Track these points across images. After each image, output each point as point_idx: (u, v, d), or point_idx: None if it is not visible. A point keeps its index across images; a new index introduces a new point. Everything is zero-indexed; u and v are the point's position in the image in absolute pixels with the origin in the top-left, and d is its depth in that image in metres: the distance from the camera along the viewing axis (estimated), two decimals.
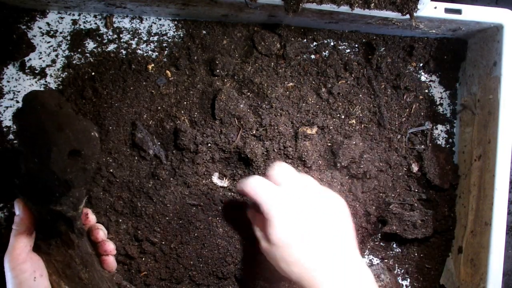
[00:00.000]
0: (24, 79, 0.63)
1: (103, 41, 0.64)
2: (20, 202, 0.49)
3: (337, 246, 0.50)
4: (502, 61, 0.63)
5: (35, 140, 0.45)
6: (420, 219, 0.69)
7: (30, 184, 0.47)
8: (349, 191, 0.68)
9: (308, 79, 0.67)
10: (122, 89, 0.63)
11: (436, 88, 0.73)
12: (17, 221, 0.48)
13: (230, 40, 0.66)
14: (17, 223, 0.48)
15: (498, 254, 0.63)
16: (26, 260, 0.47)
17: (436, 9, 0.62)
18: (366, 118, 0.69)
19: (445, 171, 0.71)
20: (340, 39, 0.69)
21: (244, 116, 0.63)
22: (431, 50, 0.72)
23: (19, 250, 0.47)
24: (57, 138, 0.44)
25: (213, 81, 0.65)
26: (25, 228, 0.48)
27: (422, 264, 0.73)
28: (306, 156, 0.65)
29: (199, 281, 0.65)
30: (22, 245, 0.48)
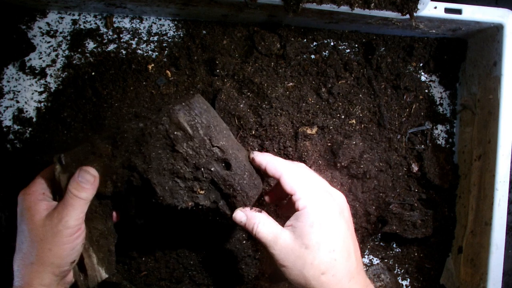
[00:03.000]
0: (24, 79, 0.63)
1: (103, 41, 0.64)
2: (93, 173, 0.48)
3: (358, 257, 0.48)
4: (502, 61, 0.63)
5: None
6: (420, 219, 0.69)
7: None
8: (349, 191, 0.68)
9: (308, 79, 0.67)
10: (122, 89, 0.63)
11: (436, 88, 0.73)
12: (87, 194, 0.47)
13: (230, 40, 0.66)
14: (87, 195, 0.47)
15: (498, 254, 0.63)
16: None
17: (436, 9, 0.62)
18: (366, 118, 0.69)
19: (445, 171, 0.71)
20: (340, 39, 0.69)
21: (244, 116, 0.63)
22: (431, 50, 0.72)
23: (79, 220, 0.47)
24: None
25: (213, 81, 0.65)
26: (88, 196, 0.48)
27: (422, 264, 0.73)
28: (306, 156, 0.65)
29: (199, 281, 0.65)
30: (81, 215, 0.47)
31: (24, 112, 0.63)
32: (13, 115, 0.63)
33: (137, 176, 0.48)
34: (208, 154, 0.48)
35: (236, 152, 0.49)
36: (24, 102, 0.63)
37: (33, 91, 0.63)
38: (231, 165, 0.48)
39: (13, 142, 0.62)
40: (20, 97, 0.63)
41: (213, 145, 0.48)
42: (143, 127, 0.47)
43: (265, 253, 0.49)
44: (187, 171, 0.48)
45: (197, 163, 0.47)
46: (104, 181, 0.49)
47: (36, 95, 0.63)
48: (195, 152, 0.47)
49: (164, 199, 0.48)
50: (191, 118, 0.47)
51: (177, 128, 0.47)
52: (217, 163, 0.48)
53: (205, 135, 0.48)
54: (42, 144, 0.62)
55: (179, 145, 0.47)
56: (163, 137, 0.47)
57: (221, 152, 0.48)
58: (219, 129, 0.49)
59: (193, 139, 0.47)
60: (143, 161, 0.47)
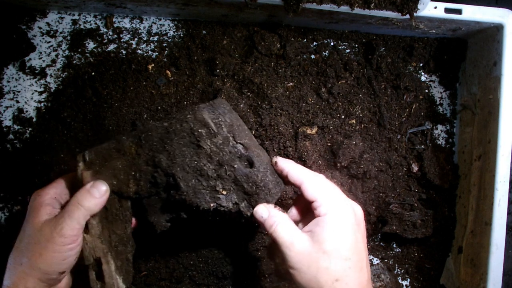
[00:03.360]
0: (24, 79, 0.63)
1: (103, 41, 0.64)
2: (107, 187, 0.48)
3: (369, 270, 0.48)
4: (502, 61, 0.63)
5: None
6: (420, 219, 0.69)
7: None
8: (349, 191, 0.68)
9: (308, 79, 0.67)
10: (122, 89, 0.63)
11: (436, 88, 0.73)
12: (93, 203, 0.46)
13: (230, 40, 0.66)
14: (94, 204, 0.46)
15: (498, 254, 0.63)
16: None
17: (436, 9, 0.62)
18: (366, 118, 0.69)
19: (445, 171, 0.71)
20: (340, 39, 0.69)
21: (244, 116, 0.63)
22: (431, 50, 0.72)
23: (75, 231, 0.46)
24: None
25: (213, 81, 0.65)
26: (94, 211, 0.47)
27: (422, 264, 0.73)
28: (306, 156, 0.65)
29: (199, 281, 0.65)
30: (77, 226, 0.46)
31: (24, 112, 0.63)
32: (13, 115, 0.63)
33: (161, 173, 0.48)
34: (232, 151, 0.48)
35: (258, 151, 0.50)
36: (24, 102, 0.63)
37: (33, 91, 0.63)
38: (254, 162, 0.49)
39: (13, 142, 0.62)
40: (20, 97, 0.63)
41: (236, 141, 0.49)
42: (168, 125, 0.48)
43: (277, 253, 0.49)
44: (211, 168, 0.48)
45: (220, 160, 0.48)
46: (127, 180, 0.49)
47: (36, 95, 0.63)
48: (218, 149, 0.48)
49: (188, 195, 0.48)
50: (215, 116, 0.48)
51: (202, 125, 0.48)
52: (240, 161, 0.49)
53: (228, 133, 0.48)
54: (42, 144, 0.62)
55: (203, 142, 0.47)
56: (187, 134, 0.48)
57: (244, 149, 0.49)
58: (241, 129, 0.50)
59: (217, 136, 0.48)
60: (168, 157, 0.47)
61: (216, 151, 0.48)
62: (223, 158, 0.48)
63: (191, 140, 0.48)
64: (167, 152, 0.47)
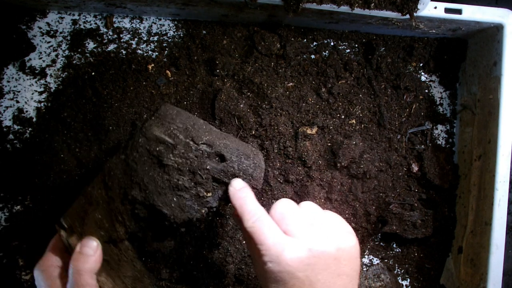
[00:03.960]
0: (24, 79, 0.63)
1: (103, 41, 0.64)
2: (97, 241, 0.46)
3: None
4: (502, 61, 0.63)
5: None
6: (420, 219, 0.69)
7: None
8: (349, 191, 0.68)
9: (308, 79, 0.67)
10: (122, 89, 0.63)
11: (436, 88, 0.73)
12: (91, 262, 0.44)
13: (230, 40, 0.66)
14: (92, 262, 0.44)
15: (498, 254, 0.63)
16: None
17: (436, 9, 0.62)
18: (366, 118, 0.69)
19: (445, 171, 0.71)
20: (340, 39, 0.69)
21: (244, 116, 0.63)
22: (431, 50, 0.72)
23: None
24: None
25: (213, 81, 0.65)
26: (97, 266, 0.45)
27: (422, 264, 0.73)
28: (306, 156, 0.65)
29: (199, 281, 0.65)
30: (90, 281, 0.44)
31: (24, 112, 0.63)
32: (13, 115, 0.63)
33: (140, 207, 0.46)
34: (198, 155, 0.46)
35: (224, 141, 0.48)
36: (24, 102, 0.63)
37: (33, 91, 0.63)
38: (224, 155, 0.47)
39: (13, 142, 0.62)
40: (20, 97, 0.63)
41: (198, 144, 0.46)
42: (125, 157, 0.46)
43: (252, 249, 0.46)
44: (185, 180, 0.46)
45: (191, 168, 0.46)
46: (112, 226, 0.47)
47: (36, 95, 0.63)
48: (184, 159, 0.46)
49: (176, 216, 0.46)
50: (165, 128, 0.46)
51: (157, 143, 0.45)
52: (210, 159, 0.47)
53: (186, 138, 0.46)
54: (42, 144, 0.62)
55: (166, 159, 0.45)
56: (147, 158, 0.45)
57: (209, 147, 0.47)
58: (197, 127, 0.48)
59: (176, 146, 0.46)
60: (140, 189, 0.46)
61: (182, 162, 0.46)
62: (192, 165, 0.46)
63: (153, 162, 0.46)
64: (137, 184, 0.46)
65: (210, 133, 0.48)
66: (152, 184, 0.46)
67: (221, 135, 0.49)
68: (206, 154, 0.47)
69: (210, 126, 0.50)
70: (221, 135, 0.49)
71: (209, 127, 0.49)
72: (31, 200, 0.62)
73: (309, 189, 0.66)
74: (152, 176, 0.46)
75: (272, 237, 0.42)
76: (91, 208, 0.46)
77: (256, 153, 0.51)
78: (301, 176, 0.66)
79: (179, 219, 0.47)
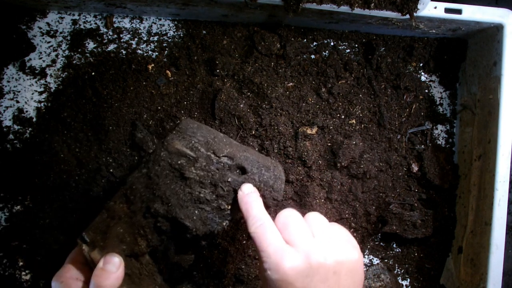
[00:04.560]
0: (24, 79, 0.63)
1: (103, 41, 0.64)
2: (119, 257, 0.45)
3: None
4: (502, 61, 0.63)
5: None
6: (420, 219, 0.69)
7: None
8: (349, 191, 0.68)
9: (308, 79, 0.67)
10: (122, 89, 0.63)
11: (436, 88, 0.73)
12: (113, 279, 0.43)
13: (230, 40, 0.66)
14: (114, 279, 0.43)
15: (498, 254, 0.63)
16: None
17: (436, 9, 0.62)
18: (366, 118, 0.69)
19: (445, 171, 0.71)
20: (340, 39, 0.69)
21: (244, 116, 0.63)
22: (431, 50, 0.72)
23: None
24: None
25: (213, 81, 0.65)
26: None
27: (422, 264, 0.73)
28: (306, 156, 0.65)
29: (199, 281, 0.65)
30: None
31: (24, 112, 0.63)
32: (13, 115, 0.63)
33: (162, 220, 0.46)
34: (219, 167, 0.47)
35: (244, 154, 0.48)
36: (24, 102, 0.63)
37: (33, 91, 0.63)
38: (245, 167, 0.47)
39: (13, 142, 0.62)
40: (20, 97, 0.63)
41: (219, 156, 0.47)
42: (147, 171, 0.46)
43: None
44: (207, 192, 0.46)
45: (212, 181, 0.46)
46: (134, 240, 0.47)
47: (36, 95, 0.63)
48: (205, 172, 0.46)
49: (198, 229, 0.46)
50: (187, 141, 0.46)
51: (179, 156, 0.46)
52: (231, 172, 0.47)
53: (207, 151, 0.46)
54: (42, 144, 0.62)
55: (187, 172, 0.46)
56: (169, 171, 0.46)
57: (230, 160, 0.47)
58: (218, 140, 0.48)
59: (198, 159, 0.46)
60: (162, 203, 0.46)
61: (204, 174, 0.46)
62: (214, 178, 0.46)
63: (175, 175, 0.46)
64: (159, 198, 0.46)
65: (231, 146, 0.49)
66: (174, 197, 0.46)
67: (241, 147, 0.50)
68: (227, 166, 0.47)
69: (230, 139, 0.50)
70: (241, 148, 0.50)
71: (229, 140, 0.50)
72: (31, 200, 0.62)
73: (309, 189, 0.66)
74: (174, 189, 0.46)
75: (273, 244, 0.42)
76: (113, 222, 0.46)
77: (276, 165, 0.51)
78: (301, 176, 0.66)
79: (201, 231, 0.47)
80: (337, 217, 0.68)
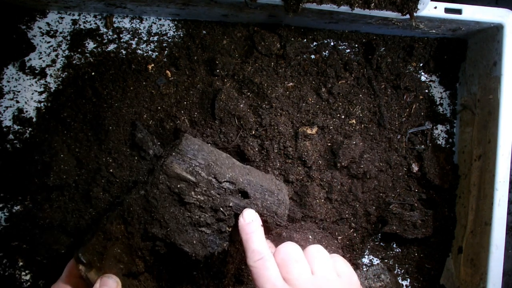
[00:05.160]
0: (24, 79, 0.63)
1: (103, 41, 0.64)
2: (117, 280, 0.45)
3: None
4: (502, 61, 0.63)
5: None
6: (420, 219, 0.69)
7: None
8: (349, 191, 0.68)
9: (308, 79, 0.67)
10: (122, 89, 0.63)
11: (436, 88, 0.73)
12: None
13: (230, 40, 0.66)
14: None
15: (498, 254, 0.63)
16: None
17: (436, 9, 0.62)
18: (366, 118, 0.69)
19: (445, 171, 0.71)
20: (340, 39, 0.69)
21: (244, 116, 0.63)
22: (431, 50, 0.72)
23: None
24: None
25: (213, 81, 0.65)
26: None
27: (422, 264, 0.73)
28: (306, 156, 0.65)
29: (199, 281, 0.65)
30: None
31: (24, 112, 0.63)
32: (13, 115, 0.63)
33: (160, 244, 0.46)
34: (221, 192, 0.45)
35: (247, 178, 0.47)
36: (24, 102, 0.63)
37: (33, 91, 0.63)
38: (248, 192, 0.46)
39: (13, 142, 0.62)
40: (20, 97, 0.63)
41: (220, 181, 0.45)
42: (145, 193, 0.45)
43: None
44: (207, 216, 0.45)
45: (213, 206, 0.45)
46: (132, 260, 0.46)
47: (36, 95, 0.63)
48: (206, 196, 0.45)
49: (198, 254, 0.45)
50: (187, 165, 0.45)
51: (178, 181, 0.44)
52: (233, 196, 0.46)
53: (208, 175, 0.45)
54: (42, 144, 0.62)
55: (187, 197, 0.44)
56: (168, 195, 0.44)
57: (232, 185, 0.46)
58: (220, 163, 0.46)
59: (198, 184, 0.44)
60: (160, 226, 0.45)
61: (204, 199, 0.45)
62: (215, 203, 0.45)
63: (174, 199, 0.45)
64: (157, 221, 0.45)
65: (233, 168, 0.47)
66: (173, 222, 0.45)
67: (244, 170, 0.48)
68: (229, 191, 0.46)
69: (232, 160, 0.48)
70: (244, 170, 0.48)
71: (231, 161, 0.48)
72: (31, 200, 0.62)
73: (309, 189, 0.66)
74: (173, 213, 0.45)
75: (271, 282, 0.41)
76: (110, 243, 0.46)
77: (281, 187, 0.50)
78: (301, 176, 0.66)
79: (201, 256, 0.46)
80: (337, 217, 0.68)
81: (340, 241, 0.68)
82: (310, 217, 0.66)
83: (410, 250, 0.73)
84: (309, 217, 0.66)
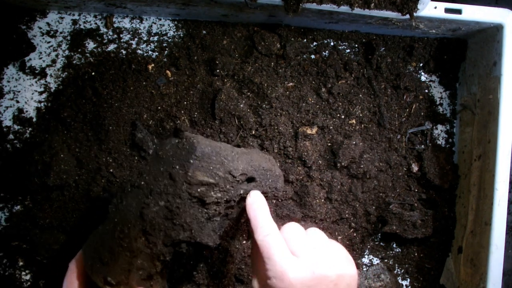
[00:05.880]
0: (24, 79, 0.63)
1: (103, 41, 0.64)
2: None
3: None
4: (502, 61, 0.63)
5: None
6: (420, 219, 0.69)
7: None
8: (349, 191, 0.68)
9: (308, 79, 0.67)
10: (122, 89, 0.63)
11: (436, 88, 0.73)
12: None
13: (230, 40, 0.66)
14: None
15: (498, 254, 0.63)
16: None
17: (436, 9, 0.62)
18: (366, 118, 0.69)
19: (445, 171, 0.71)
20: (340, 39, 0.69)
21: (244, 116, 0.63)
22: (431, 50, 0.72)
23: None
24: None
25: (213, 81, 0.65)
26: None
27: (422, 264, 0.73)
28: (306, 156, 0.65)
29: (199, 281, 0.65)
30: None
31: (24, 112, 0.63)
32: (13, 115, 0.63)
33: (184, 246, 0.46)
34: (234, 185, 0.47)
35: (252, 164, 0.49)
36: (24, 102, 0.63)
37: (33, 91, 0.63)
38: (255, 178, 0.49)
39: (13, 142, 0.62)
40: (20, 97, 0.63)
41: (235, 176, 0.47)
42: (166, 204, 0.45)
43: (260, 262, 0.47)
44: (221, 208, 0.47)
45: (228, 199, 0.47)
46: (153, 265, 0.47)
47: (36, 95, 0.63)
48: (223, 192, 0.46)
49: (215, 242, 0.47)
50: (207, 170, 0.45)
51: (199, 186, 0.45)
52: (243, 184, 0.48)
53: (225, 173, 0.46)
54: (42, 144, 0.62)
55: (208, 198, 0.45)
56: (190, 201, 0.45)
57: (244, 176, 0.48)
58: (230, 158, 0.47)
59: (218, 184, 0.46)
60: (183, 230, 0.45)
61: (221, 195, 0.46)
62: (229, 195, 0.47)
63: (193, 201, 0.45)
64: (180, 226, 0.45)
65: (241, 158, 0.48)
66: (194, 223, 0.46)
67: (247, 156, 0.50)
68: (241, 181, 0.48)
69: (233, 148, 0.49)
70: (247, 157, 0.50)
71: (235, 150, 0.49)
72: (31, 200, 0.62)
73: (309, 189, 0.66)
74: (194, 215, 0.46)
75: (280, 254, 0.43)
76: (135, 260, 0.46)
77: (273, 162, 0.52)
78: (301, 176, 0.66)
79: (217, 243, 0.48)
80: (337, 217, 0.68)
81: (340, 241, 0.68)
82: (310, 217, 0.66)
83: (410, 250, 0.73)
84: (309, 217, 0.66)
